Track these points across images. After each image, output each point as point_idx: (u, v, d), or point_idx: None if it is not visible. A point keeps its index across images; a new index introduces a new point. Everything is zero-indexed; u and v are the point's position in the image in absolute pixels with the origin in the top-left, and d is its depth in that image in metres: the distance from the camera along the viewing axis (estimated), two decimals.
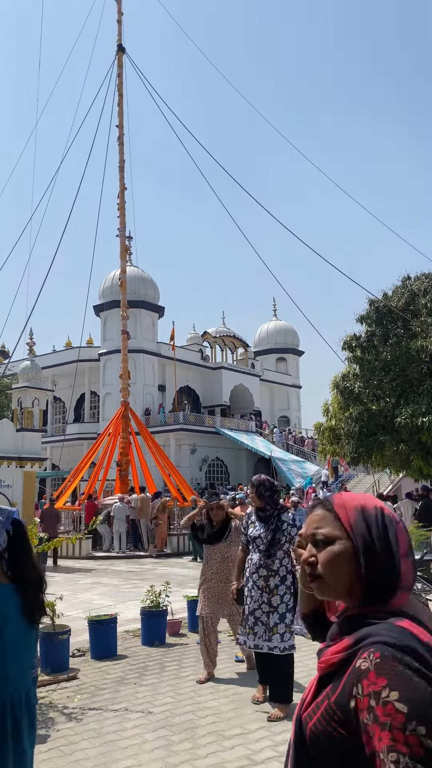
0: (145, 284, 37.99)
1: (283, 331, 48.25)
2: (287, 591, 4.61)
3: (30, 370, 21.31)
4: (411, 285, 15.69)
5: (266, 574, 4.62)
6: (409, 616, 1.09)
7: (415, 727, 0.92)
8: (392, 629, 1.04)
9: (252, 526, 4.83)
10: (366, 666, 1.00)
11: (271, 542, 4.62)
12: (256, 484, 4.82)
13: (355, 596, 1.14)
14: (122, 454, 21.04)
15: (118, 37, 23.04)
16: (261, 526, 4.75)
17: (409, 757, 0.91)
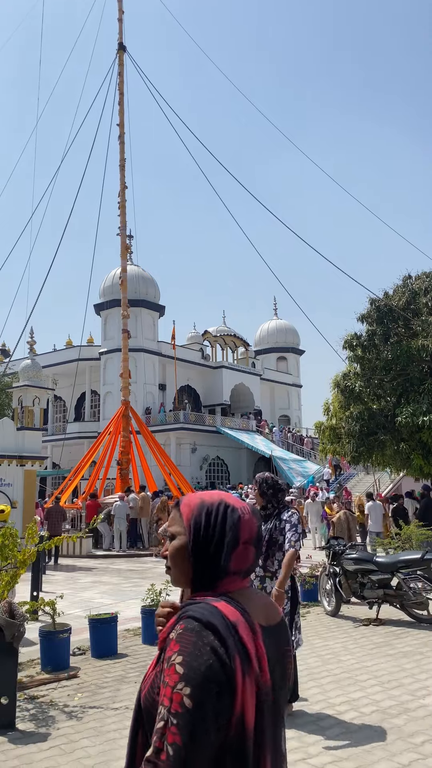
0: (145, 283, 38.00)
1: (283, 330, 48.26)
2: (285, 596, 4.42)
3: (30, 368, 21.32)
4: (412, 284, 15.68)
5: (262, 574, 4.48)
6: (228, 599, 1.20)
7: (182, 687, 1.06)
8: (205, 607, 1.16)
9: None
10: (172, 636, 1.14)
11: (268, 542, 4.45)
12: (259, 482, 4.70)
13: (190, 583, 1.27)
14: (123, 453, 21.04)
15: (119, 35, 23.03)
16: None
17: (167, 710, 1.06)
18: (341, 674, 5.47)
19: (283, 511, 4.55)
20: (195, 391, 41.73)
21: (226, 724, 1.08)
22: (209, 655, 1.09)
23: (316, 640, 6.78)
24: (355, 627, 7.39)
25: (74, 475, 22.59)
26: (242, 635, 1.14)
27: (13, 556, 5.44)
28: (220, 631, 1.12)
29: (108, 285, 37.70)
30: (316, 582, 8.78)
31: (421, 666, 5.70)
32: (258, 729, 1.13)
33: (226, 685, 1.08)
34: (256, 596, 1.29)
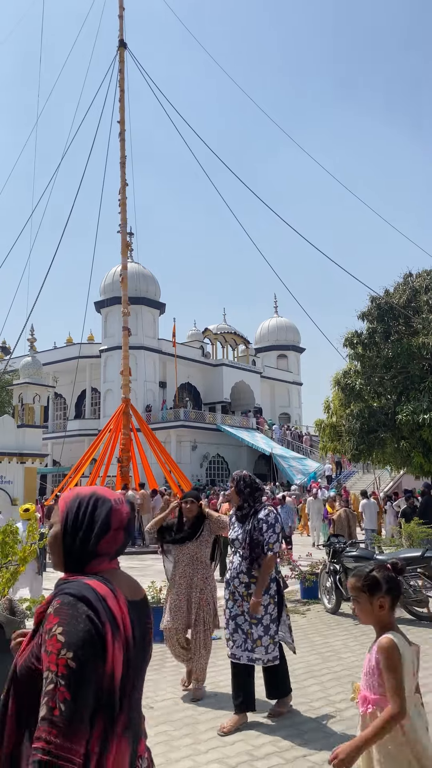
0: (146, 281, 37.97)
1: (284, 328, 48.25)
2: (271, 600, 4.21)
3: (31, 366, 21.33)
4: (412, 282, 15.67)
5: (247, 581, 4.21)
6: (98, 578, 1.39)
7: (65, 653, 1.24)
8: (78, 584, 1.35)
9: (232, 527, 4.46)
10: (50, 610, 1.32)
11: (250, 545, 4.19)
12: (236, 480, 4.44)
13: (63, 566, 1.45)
14: (123, 450, 21.03)
15: (120, 32, 22.96)
16: (239, 527, 4.35)
17: (54, 674, 1.23)
18: (341, 671, 5.48)
19: (260, 510, 4.29)
20: (195, 388, 41.73)
21: (100, 680, 1.28)
22: (85, 623, 1.27)
23: (316, 637, 6.79)
24: (355, 624, 7.39)
25: (74, 473, 22.60)
26: (111, 606, 1.33)
27: (14, 553, 5.44)
28: (93, 602, 1.31)
29: (108, 282, 37.67)
30: (316, 579, 8.79)
31: (420, 664, 5.69)
32: (123, 685, 1.33)
33: (100, 647, 1.28)
34: (123, 576, 1.52)
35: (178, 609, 4.90)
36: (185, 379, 40.21)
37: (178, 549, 5.02)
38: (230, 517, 4.58)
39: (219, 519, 4.97)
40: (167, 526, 5.14)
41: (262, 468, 37.58)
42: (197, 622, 4.84)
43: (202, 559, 4.95)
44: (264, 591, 4.19)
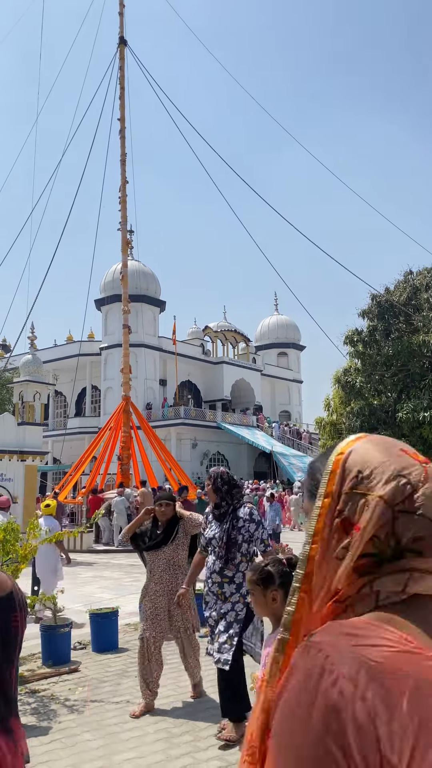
0: (146, 278, 37.96)
1: (284, 326, 48.23)
2: (241, 600, 3.97)
3: (31, 364, 21.33)
4: (413, 279, 15.67)
5: (220, 581, 4.04)
6: None
7: None
8: None
9: (209, 526, 4.25)
10: None
11: (227, 544, 4.00)
12: (213, 477, 4.25)
13: None
14: (123, 448, 21.04)
15: (120, 29, 22.92)
16: (216, 526, 4.15)
17: None
18: None
19: (239, 509, 4.12)
20: (195, 386, 41.75)
21: None
22: None
23: None
24: None
25: (75, 471, 22.61)
26: None
27: (15, 550, 5.45)
28: None
29: (109, 280, 37.65)
30: None
31: None
32: None
33: None
34: None
35: (156, 617, 4.70)
36: (185, 376, 40.22)
37: (153, 555, 4.77)
38: (206, 515, 4.37)
39: (191, 518, 4.80)
40: (140, 533, 4.90)
41: (263, 466, 37.61)
42: (181, 627, 4.70)
43: (180, 563, 4.74)
44: (236, 590, 3.99)
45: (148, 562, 4.80)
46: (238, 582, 3.98)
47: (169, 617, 4.69)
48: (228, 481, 4.22)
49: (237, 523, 4.05)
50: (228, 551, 3.99)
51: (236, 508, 4.13)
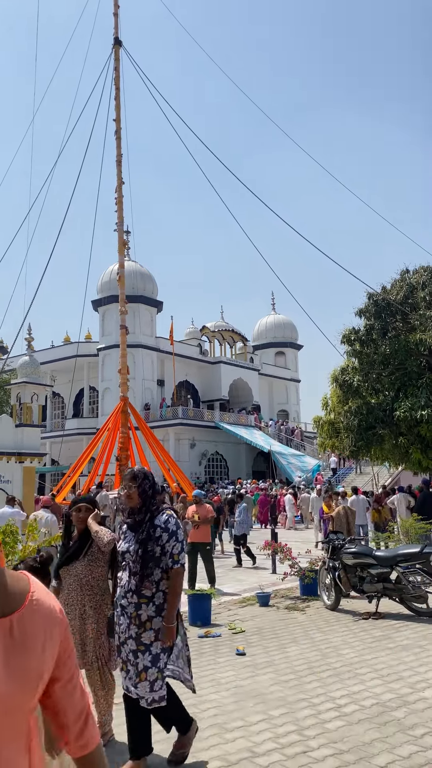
0: (143, 279, 37.95)
1: (281, 325, 48.27)
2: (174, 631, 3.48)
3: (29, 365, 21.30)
4: (410, 278, 15.66)
5: (137, 601, 3.45)
6: None
7: None
8: None
9: (123, 537, 3.67)
10: None
11: (143, 558, 3.44)
12: (140, 477, 3.63)
13: None
14: (122, 449, 21.02)
15: (115, 30, 22.88)
16: (131, 537, 3.58)
17: None
18: (341, 668, 5.50)
19: (157, 516, 3.56)
20: (193, 386, 41.76)
21: None
22: None
23: (316, 634, 6.81)
24: (354, 621, 7.42)
25: (73, 472, 22.58)
26: None
27: (14, 553, 5.46)
28: None
29: (105, 281, 37.64)
30: (315, 576, 8.82)
31: (420, 659, 5.72)
32: None
33: None
34: None
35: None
36: (183, 377, 40.23)
37: (64, 571, 4.07)
38: (119, 525, 3.80)
39: (97, 534, 4.00)
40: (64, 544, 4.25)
41: (261, 465, 37.64)
42: (92, 659, 3.94)
43: (93, 583, 4.01)
44: (156, 612, 3.44)
45: (63, 579, 4.08)
46: (158, 603, 3.44)
47: (81, 645, 3.93)
48: (153, 484, 3.66)
49: (154, 533, 3.50)
50: (144, 566, 3.43)
51: (154, 515, 3.55)
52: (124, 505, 3.68)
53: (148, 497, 3.59)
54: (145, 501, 3.58)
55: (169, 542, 3.48)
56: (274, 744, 3.90)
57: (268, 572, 11.51)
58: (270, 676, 5.32)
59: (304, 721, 4.26)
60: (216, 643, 6.54)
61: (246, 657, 5.94)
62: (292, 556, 9.43)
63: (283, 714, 4.41)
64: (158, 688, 3.41)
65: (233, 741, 3.96)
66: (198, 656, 6.04)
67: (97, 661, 3.94)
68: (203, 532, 9.66)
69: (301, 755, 3.71)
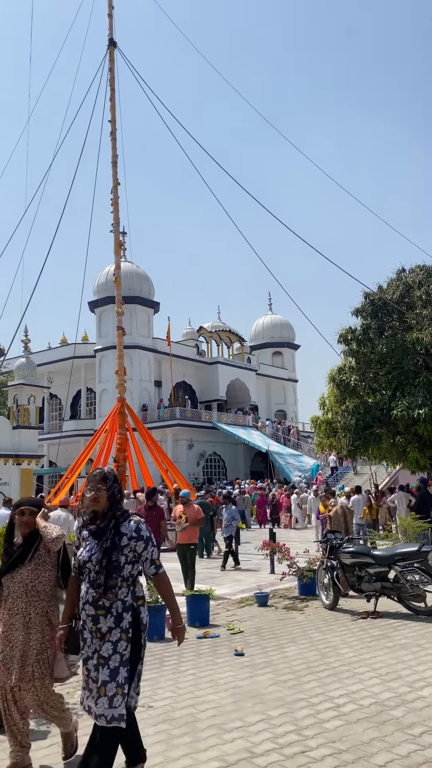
0: (139, 280, 37.94)
1: (278, 325, 48.33)
2: (123, 636, 3.14)
3: (25, 367, 21.28)
4: (406, 277, 15.69)
5: (94, 613, 3.15)
6: None
7: None
8: None
9: (83, 544, 3.34)
10: None
11: (106, 567, 3.14)
12: (109, 478, 3.35)
13: None
14: (119, 450, 21.00)
15: (109, 31, 22.87)
16: (93, 544, 3.25)
17: None
18: (340, 667, 5.50)
19: (124, 522, 3.26)
20: (191, 387, 41.76)
21: None
22: None
23: (314, 633, 6.81)
24: (353, 620, 7.42)
25: (71, 473, 22.56)
26: None
27: None
28: None
29: (102, 282, 37.62)
30: (314, 576, 8.82)
31: (418, 658, 5.73)
32: None
33: None
34: None
35: (10, 659, 3.57)
36: (181, 377, 40.22)
37: (7, 579, 3.74)
38: (78, 530, 3.47)
39: (46, 529, 3.78)
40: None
41: (259, 465, 37.65)
42: (36, 673, 3.57)
43: (40, 588, 3.70)
44: (116, 623, 3.13)
45: (5, 587, 3.74)
46: (116, 613, 3.14)
47: (22, 659, 3.57)
48: (121, 488, 3.39)
49: (119, 542, 3.19)
50: (108, 578, 3.14)
51: (119, 522, 3.26)
52: (86, 508, 3.34)
53: (116, 501, 3.32)
54: (111, 505, 3.30)
55: (146, 549, 3.24)
56: (272, 744, 3.89)
57: (267, 572, 11.52)
58: (269, 676, 5.32)
59: (303, 721, 4.25)
60: (214, 644, 6.54)
61: (244, 657, 5.94)
62: (290, 556, 9.44)
63: (281, 714, 4.41)
64: (117, 704, 3.05)
65: (232, 741, 3.96)
66: (196, 657, 6.04)
67: (35, 680, 3.55)
68: (190, 534, 9.59)
69: (300, 755, 3.71)
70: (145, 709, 4.60)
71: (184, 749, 3.86)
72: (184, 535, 9.59)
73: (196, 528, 9.85)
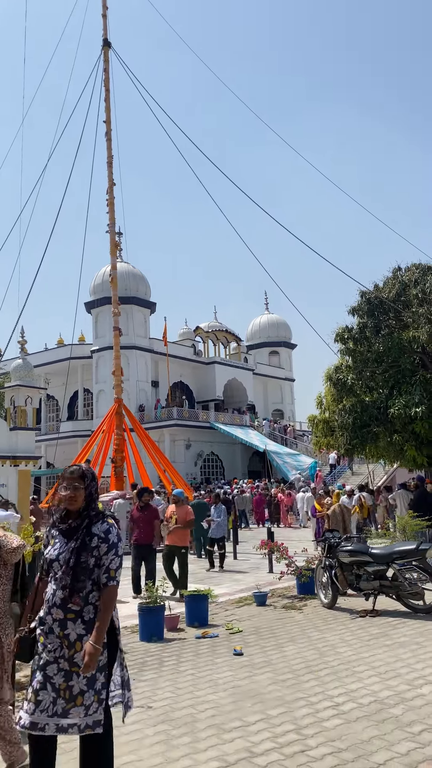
0: (136, 280, 37.92)
1: (275, 325, 48.34)
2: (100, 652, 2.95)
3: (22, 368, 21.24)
4: (402, 276, 15.73)
5: (63, 617, 2.97)
6: None
7: None
8: None
9: (52, 542, 3.18)
10: None
11: (74, 569, 2.99)
12: (87, 476, 3.19)
13: None
14: (117, 450, 20.99)
15: (104, 31, 22.87)
16: (62, 544, 3.10)
17: None
18: (339, 666, 5.50)
19: (96, 523, 3.11)
20: (188, 387, 41.75)
21: None
22: None
23: (313, 632, 6.81)
24: (351, 619, 7.43)
25: None
26: None
27: None
28: None
29: (98, 283, 37.59)
30: (312, 575, 8.82)
31: (417, 656, 5.73)
32: None
33: None
34: None
35: None
36: (177, 377, 40.21)
37: None
38: (48, 528, 3.31)
39: (6, 537, 3.64)
40: None
41: (257, 465, 37.66)
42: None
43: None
44: (86, 629, 2.98)
45: None
46: (88, 618, 2.99)
47: None
48: (97, 488, 3.25)
49: (90, 542, 3.05)
50: (75, 579, 2.99)
51: (92, 521, 3.12)
52: (59, 506, 3.19)
53: (92, 501, 3.18)
54: (87, 505, 3.15)
55: (107, 555, 3.05)
56: (272, 744, 3.89)
57: (265, 572, 11.52)
58: (268, 675, 5.32)
59: (302, 720, 4.25)
60: (213, 644, 6.54)
61: (243, 657, 5.93)
62: (289, 555, 9.44)
63: (281, 713, 4.40)
64: (93, 711, 2.91)
65: (231, 741, 3.95)
66: (195, 657, 6.04)
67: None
68: (180, 535, 9.40)
69: (300, 754, 3.71)
70: (143, 710, 4.60)
71: (183, 749, 3.86)
72: (172, 536, 9.38)
73: (187, 530, 9.63)
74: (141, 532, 9.80)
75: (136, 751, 3.87)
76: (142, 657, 6.16)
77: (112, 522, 3.16)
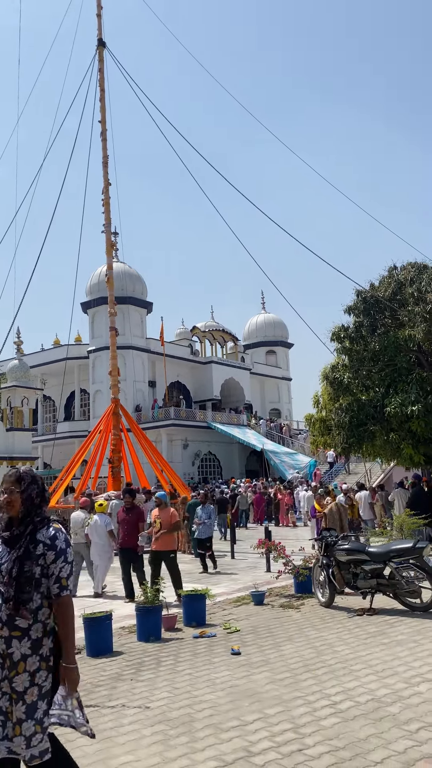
0: (132, 280, 37.89)
1: (272, 324, 48.38)
2: (43, 665, 2.73)
3: (18, 369, 21.22)
4: (397, 275, 15.72)
5: (7, 634, 2.70)
6: None
7: None
8: None
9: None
10: None
11: (17, 580, 2.71)
12: (27, 479, 2.94)
13: None
14: (114, 451, 20.97)
15: (98, 31, 22.84)
16: (5, 553, 2.84)
17: None
18: (336, 664, 5.51)
19: (41, 529, 2.83)
20: (185, 386, 41.75)
21: None
22: None
23: (310, 631, 6.82)
24: (349, 617, 7.43)
25: (65, 475, 22.52)
26: None
27: None
28: None
29: (94, 283, 37.55)
30: (309, 574, 8.83)
31: (414, 654, 5.74)
32: None
33: None
34: None
35: None
36: (174, 377, 40.21)
37: None
38: None
39: None
40: None
41: (254, 464, 37.67)
42: None
43: None
44: (32, 649, 2.71)
45: None
46: (35, 637, 2.72)
47: None
48: (42, 491, 2.98)
49: (34, 550, 2.78)
50: (20, 590, 2.70)
51: (37, 529, 2.84)
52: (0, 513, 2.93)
53: (34, 506, 2.90)
54: (29, 510, 2.87)
55: (56, 563, 2.77)
56: (270, 743, 3.89)
57: (263, 571, 11.52)
58: (265, 674, 5.32)
59: (300, 719, 4.26)
60: (211, 643, 6.54)
61: (241, 656, 5.93)
62: (286, 554, 9.44)
63: (278, 712, 4.41)
64: (37, 742, 2.67)
65: (229, 741, 3.96)
66: (193, 656, 6.03)
67: None
68: (165, 541, 8.97)
69: (297, 753, 3.71)
70: (141, 710, 4.60)
71: (181, 749, 3.86)
72: (159, 542, 8.97)
73: (172, 534, 9.16)
74: (126, 535, 9.74)
75: (134, 751, 3.87)
76: (140, 657, 6.16)
77: (59, 527, 2.90)
